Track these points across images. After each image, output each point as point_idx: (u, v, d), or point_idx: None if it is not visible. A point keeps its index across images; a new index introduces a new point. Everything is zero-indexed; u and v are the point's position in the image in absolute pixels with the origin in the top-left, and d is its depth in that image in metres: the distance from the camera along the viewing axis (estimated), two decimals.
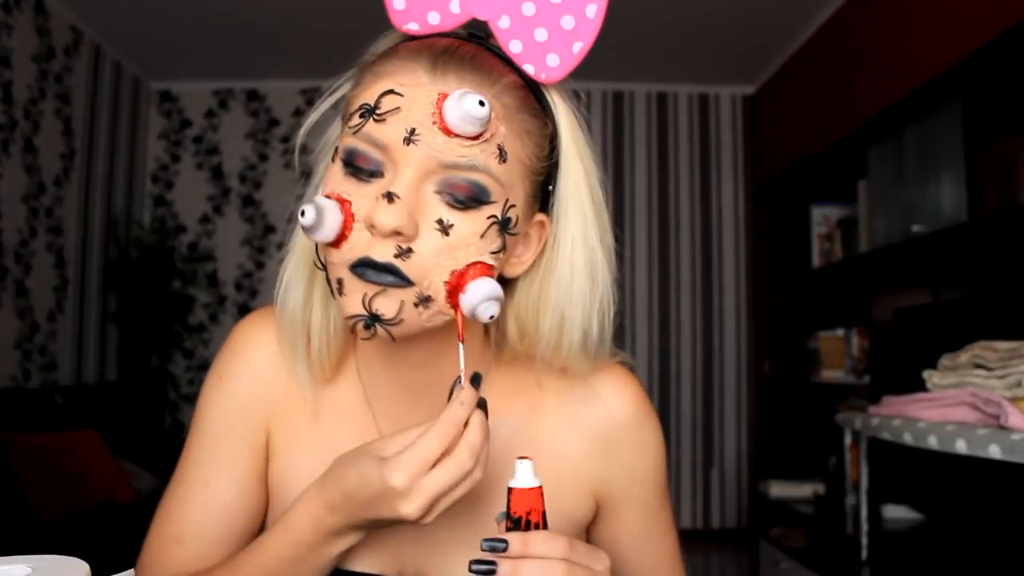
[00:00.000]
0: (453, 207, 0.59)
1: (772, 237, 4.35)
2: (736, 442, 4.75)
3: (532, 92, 0.65)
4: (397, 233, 0.57)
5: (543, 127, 0.64)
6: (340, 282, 0.60)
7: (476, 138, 0.58)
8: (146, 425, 4.19)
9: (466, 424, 0.59)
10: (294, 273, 0.69)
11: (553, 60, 0.64)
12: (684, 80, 4.83)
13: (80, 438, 3.15)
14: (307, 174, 0.74)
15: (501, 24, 0.64)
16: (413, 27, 0.64)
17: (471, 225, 0.59)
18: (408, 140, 0.58)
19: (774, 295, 4.29)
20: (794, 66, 4.23)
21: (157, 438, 4.12)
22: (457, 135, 0.58)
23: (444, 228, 0.59)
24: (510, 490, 0.58)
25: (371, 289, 0.58)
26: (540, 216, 0.67)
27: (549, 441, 0.73)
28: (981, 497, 2.28)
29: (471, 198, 0.59)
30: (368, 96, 0.60)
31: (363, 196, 0.59)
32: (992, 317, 2.26)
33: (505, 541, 0.56)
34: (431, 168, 0.58)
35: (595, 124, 4.86)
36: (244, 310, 4.76)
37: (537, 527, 0.58)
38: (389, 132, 0.58)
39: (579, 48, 0.64)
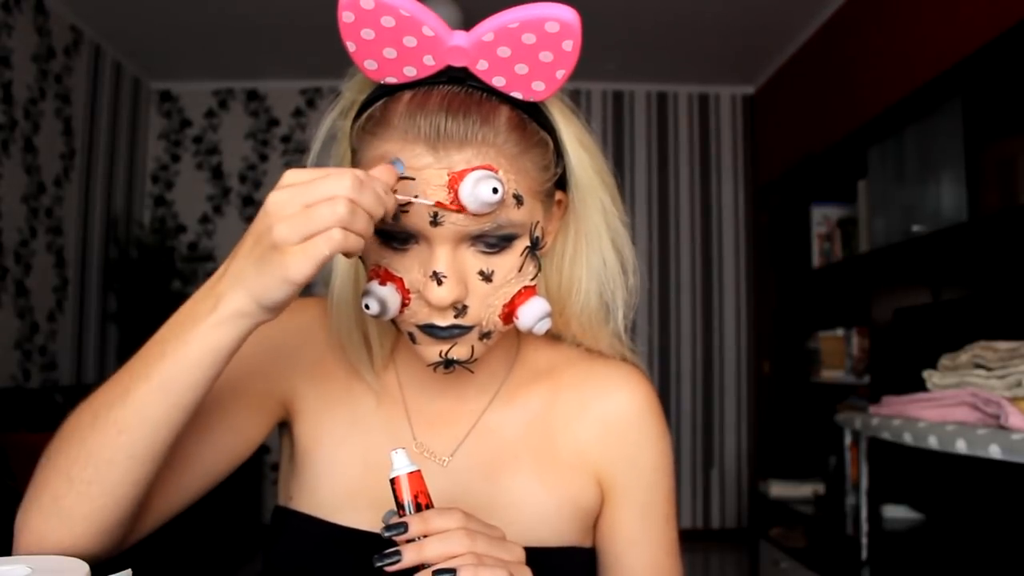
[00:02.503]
0: (488, 254, 0.64)
1: (772, 237, 4.35)
2: (736, 442, 4.75)
3: (526, 112, 0.66)
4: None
5: (546, 149, 0.67)
6: (411, 335, 0.67)
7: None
8: None
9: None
10: (341, 297, 0.76)
11: (539, 86, 0.64)
12: (684, 80, 4.83)
13: None
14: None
15: (480, 67, 0.63)
16: (391, 80, 0.65)
17: (507, 264, 0.65)
18: (434, 223, 0.62)
19: (774, 295, 4.29)
20: (794, 66, 4.23)
21: None
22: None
23: (487, 277, 0.64)
24: (393, 481, 0.59)
25: (444, 345, 0.65)
26: (557, 195, 0.71)
27: (563, 425, 0.76)
28: (981, 497, 2.28)
29: (502, 244, 0.64)
30: None
31: (407, 269, 0.65)
32: (992, 317, 2.26)
33: (404, 524, 0.57)
34: (461, 238, 0.63)
35: (595, 124, 4.79)
36: None
37: (428, 508, 0.59)
38: (414, 220, 0.62)
39: (562, 74, 0.63)
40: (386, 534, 0.57)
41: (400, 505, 0.59)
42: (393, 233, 0.63)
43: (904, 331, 2.76)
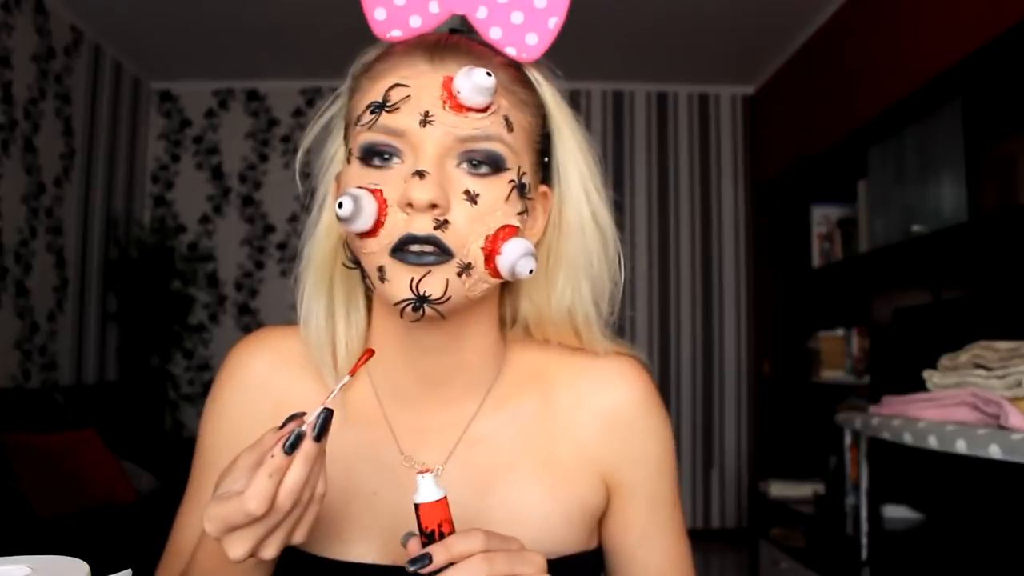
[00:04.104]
0: (475, 176, 0.63)
1: (772, 237, 4.35)
2: (736, 442, 4.75)
3: (519, 70, 0.69)
4: (433, 206, 0.61)
5: (535, 98, 0.69)
6: (381, 269, 0.62)
7: (485, 110, 0.63)
8: (146, 425, 4.19)
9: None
10: (314, 290, 0.73)
11: (532, 39, 0.68)
12: (684, 80, 4.83)
13: (80, 438, 3.15)
14: (307, 174, 0.75)
15: (479, 15, 0.68)
16: (396, 33, 0.68)
17: (495, 192, 0.63)
18: (424, 123, 0.62)
19: (774, 295, 4.29)
20: (794, 66, 4.23)
21: (157, 438, 4.12)
22: (469, 109, 0.62)
23: (472, 197, 0.62)
24: (417, 507, 0.58)
25: (417, 272, 0.61)
26: (542, 187, 0.71)
27: (562, 427, 0.74)
28: (981, 497, 2.28)
29: (490, 165, 0.63)
30: (374, 95, 0.64)
31: (389, 182, 0.62)
32: (992, 317, 2.26)
33: (428, 556, 0.57)
34: (449, 144, 0.62)
35: (595, 124, 4.87)
36: (244, 310, 4.76)
37: (451, 535, 0.58)
38: (403, 119, 0.62)
39: (554, 23, 0.67)
40: (411, 568, 0.57)
41: (423, 532, 0.58)
42: (376, 147, 0.63)
43: (904, 331, 2.76)
